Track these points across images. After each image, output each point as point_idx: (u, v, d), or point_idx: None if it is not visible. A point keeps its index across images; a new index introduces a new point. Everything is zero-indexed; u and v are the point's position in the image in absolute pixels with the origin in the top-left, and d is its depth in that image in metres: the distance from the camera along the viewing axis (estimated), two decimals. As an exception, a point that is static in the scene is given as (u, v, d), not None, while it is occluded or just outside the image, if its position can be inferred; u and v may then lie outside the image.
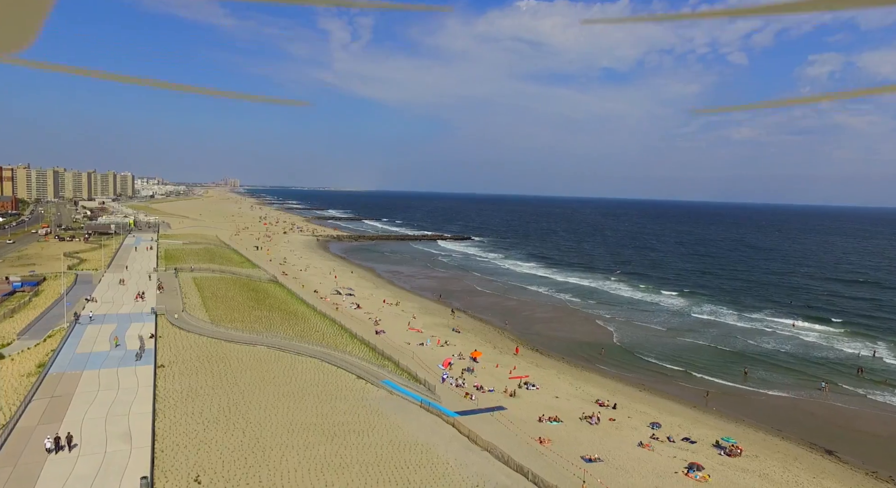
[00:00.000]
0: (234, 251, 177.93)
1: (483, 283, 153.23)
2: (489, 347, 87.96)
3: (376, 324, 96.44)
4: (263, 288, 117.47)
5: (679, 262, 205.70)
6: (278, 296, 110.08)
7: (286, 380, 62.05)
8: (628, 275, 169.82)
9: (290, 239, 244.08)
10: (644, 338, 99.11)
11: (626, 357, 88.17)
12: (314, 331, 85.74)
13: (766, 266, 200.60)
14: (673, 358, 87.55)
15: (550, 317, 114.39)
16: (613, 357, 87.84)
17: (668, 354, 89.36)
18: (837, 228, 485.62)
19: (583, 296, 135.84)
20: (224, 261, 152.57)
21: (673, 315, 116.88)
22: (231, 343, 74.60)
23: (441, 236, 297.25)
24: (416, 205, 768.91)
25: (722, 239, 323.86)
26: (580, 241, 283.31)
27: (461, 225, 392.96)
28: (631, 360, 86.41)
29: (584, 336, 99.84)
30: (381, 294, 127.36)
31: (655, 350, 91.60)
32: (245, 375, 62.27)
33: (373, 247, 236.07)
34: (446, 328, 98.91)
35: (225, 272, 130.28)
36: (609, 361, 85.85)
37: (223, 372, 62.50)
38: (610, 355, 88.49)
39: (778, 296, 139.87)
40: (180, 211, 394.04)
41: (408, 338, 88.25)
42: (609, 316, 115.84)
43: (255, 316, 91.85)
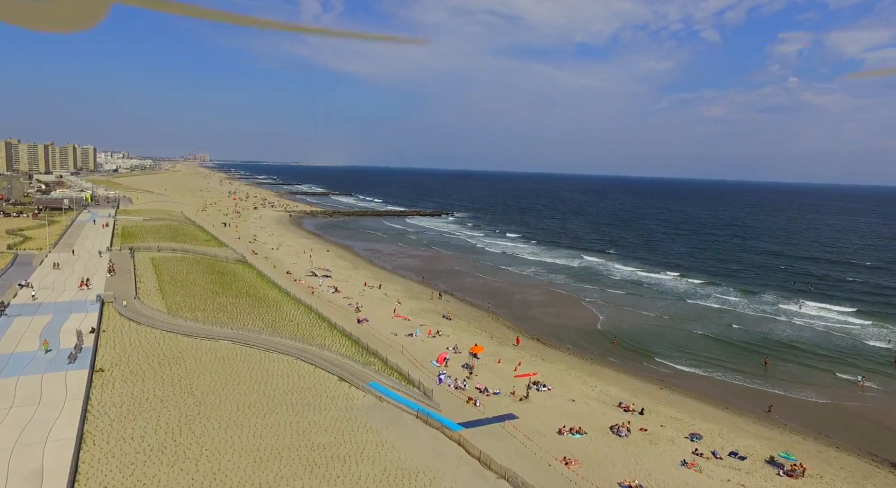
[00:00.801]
0: (199, 228, 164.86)
1: (468, 263, 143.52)
2: (485, 337, 78.46)
3: (358, 310, 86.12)
4: (230, 269, 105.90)
5: (669, 242, 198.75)
6: (247, 279, 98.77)
7: (254, 386, 51.61)
8: (620, 255, 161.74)
9: (261, 215, 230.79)
10: (651, 326, 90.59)
11: (636, 347, 79.47)
12: (287, 321, 75.08)
13: (757, 245, 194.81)
14: (686, 349, 79.14)
15: (546, 301, 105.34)
16: (623, 348, 79.08)
17: (680, 345, 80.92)
18: (816, 206, 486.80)
19: (577, 278, 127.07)
20: (188, 239, 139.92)
21: (677, 300, 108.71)
22: (189, 337, 63.66)
23: (420, 212, 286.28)
24: (392, 181, 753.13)
25: (707, 216, 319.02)
26: (563, 219, 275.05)
27: (439, 201, 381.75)
28: (643, 351, 77.73)
29: (586, 322, 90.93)
30: (361, 275, 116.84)
31: (666, 339, 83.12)
32: (204, 380, 51.63)
33: (349, 224, 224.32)
34: (435, 314, 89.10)
35: (188, 252, 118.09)
36: (620, 352, 77.07)
37: (177, 377, 51.75)
38: (620, 345, 79.74)
39: (778, 277, 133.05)
40: (145, 185, 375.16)
41: (394, 328, 78.24)
42: (609, 300, 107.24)
43: (220, 303, 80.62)
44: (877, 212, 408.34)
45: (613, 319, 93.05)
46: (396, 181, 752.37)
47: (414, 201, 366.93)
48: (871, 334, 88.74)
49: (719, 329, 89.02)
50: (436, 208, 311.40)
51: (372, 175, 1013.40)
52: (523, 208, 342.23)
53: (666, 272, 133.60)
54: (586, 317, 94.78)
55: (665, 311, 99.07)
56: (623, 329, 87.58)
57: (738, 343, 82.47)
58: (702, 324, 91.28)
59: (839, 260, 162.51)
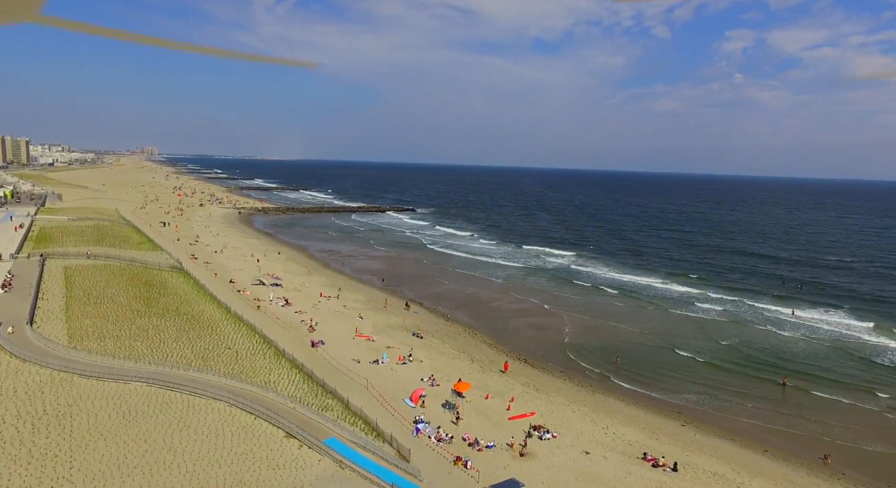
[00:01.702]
0: (133, 229, 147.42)
1: (436, 266, 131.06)
2: (465, 360, 66.23)
3: (312, 329, 72.59)
4: (161, 279, 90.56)
5: (643, 240, 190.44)
6: (180, 292, 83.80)
7: (168, 457, 37.97)
8: (596, 255, 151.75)
9: (207, 212, 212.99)
10: (650, 337, 79.89)
11: (640, 367, 68.51)
12: (224, 348, 61.15)
13: (732, 243, 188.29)
14: (693, 369, 68.64)
15: (526, 310, 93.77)
16: (627, 367, 68.00)
17: (683, 364, 70.35)
18: (773, 200, 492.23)
19: (555, 282, 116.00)
20: (117, 242, 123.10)
21: (668, 308, 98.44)
22: (90, 379, 49.29)
23: (380, 208, 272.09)
24: (348, 175, 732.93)
25: (672, 211, 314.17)
26: (530, 216, 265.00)
27: (399, 196, 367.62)
28: (648, 372, 66.83)
29: (579, 336, 79.55)
30: (316, 282, 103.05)
31: (667, 357, 72.43)
32: (94, 454, 37.67)
33: (303, 222, 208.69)
34: (403, 331, 76.36)
35: (113, 258, 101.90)
36: (623, 374, 65.97)
37: (53, 453, 37.64)
38: (623, 365, 68.65)
39: (763, 278, 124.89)
40: (81, 180, 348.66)
41: (356, 351, 65.19)
42: (594, 309, 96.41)
43: (141, 326, 65.87)
44: (828, 205, 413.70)
45: (604, 333, 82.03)
46: (353, 175, 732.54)
47: (372, 196, 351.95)
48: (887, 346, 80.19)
49: (721, 343, 78.84)
50: (396, 204, 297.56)
51: (328, 169, 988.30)
52: (487, 203, 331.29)
53: (649, 275, 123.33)
54: (574, 329, 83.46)
55: (657, 322, 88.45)
56: (616, 345, 76.56)
57: (746, 359, 72.44)
58: (702, 337, 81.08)
59: (819, 258, 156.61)
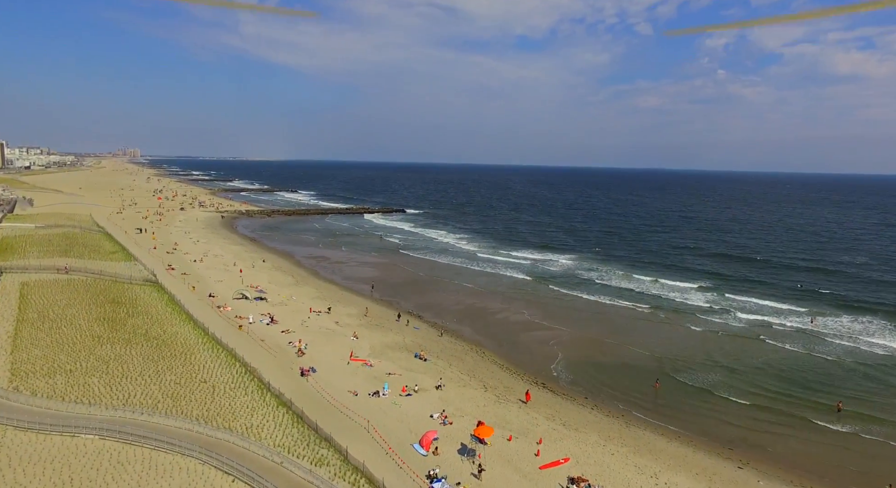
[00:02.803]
0: (106, 236, 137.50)
1: (430, 272, 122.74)
2: (477, 388, 57.99)
3: (301, 353, 63.94)
4: (132, 296, 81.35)
5: (645, 240, 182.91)
6: (151, 311, 74.68)
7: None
8: (603, 257, 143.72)
9: (188, 216, 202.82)
10: (676, 357, 71.86)
11: (681, 390, 60.66)
12: (199, 382, 52.40)
13: (737, 243, 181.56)
14: (732, 392, 60.84)
15: (535, 323, 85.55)
16: (667, 392, 60.06)
17: (721, 386, 62.51)
18: (772, 195, 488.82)
19: (564, 289, 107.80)
20: (87, 251, 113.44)
21: (689, 318, 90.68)
22: (29, 431, 40.44)
23: (368, 209, 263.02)
24: (334, 175, 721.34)
25: (672, 209, 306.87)
26: (523, 215, 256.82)
27: (387, 196, 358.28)
28: (685, 399, 58.97)
29: (598, 354, 71.48)
30: (305, 294, 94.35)
31: (702, 378, 64.56)
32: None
33: (290, 225, 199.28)
34: (404, 352, 67.98)
35: (78, 271, 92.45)
36: (666, 400, 58.10)
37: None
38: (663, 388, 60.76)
39: (781, 280, 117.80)
40: (56, 184, 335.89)
41: (352, 380, 56.73)
42: (610, 320, 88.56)
43: (101, 357, 56.85)
44: (821, 200, 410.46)
45: (623, 350, 74.08)
46: (339, 175, 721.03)
47: (360, 197, 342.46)
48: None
49: (753, 361, 71.04)
50: (384, 205, 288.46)
51: (313, 169, 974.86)
52: (478, 203, 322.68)
53: (659, 281, 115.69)
54: (590, 345, 75.48)
55: (678, 338, 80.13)
56: (640, 365, 68.69)
57: (785, 380, 64.76)
58: (730, 355, 73.27)
59: (831, 258, 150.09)
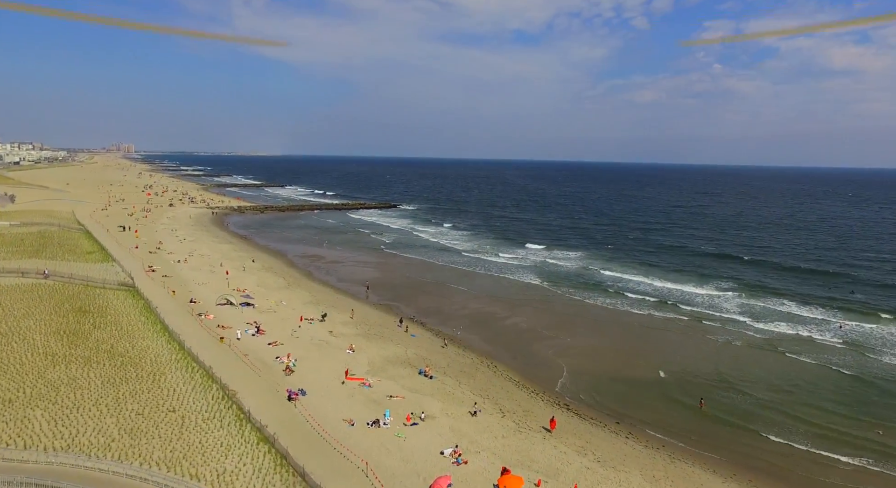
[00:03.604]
0: (86, 235, 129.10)
1: (431, 271, 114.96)
2: (493, 413, 50.18)
3: (289, 371, 55.99)
4: (102, 303, 73.23)
5: (657, 236, 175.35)
6: (122, 321, 66.59)
7: None
8: (613, 254, 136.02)
9: (177, 213, 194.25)
10: (719, 367, 64.20)
11: (727, 412, 52.94)
12: (167, 411, 44.43)
13: (756, 238, 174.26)
14: (789, 412, 53.31)
15: (549, 328, 77.84)
16: (711, 415, 52.37)
17: (773, 405, 54.95)
18: (767, 188, 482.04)
19: (577, 290, 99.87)
20: (61, 251, 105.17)
21: (718, 323, 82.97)
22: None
23: (364, 205, 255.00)
24: (329, 170, 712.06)
25: (678, 204, 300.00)
26: (525, 210, 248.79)
27: (382, 191, 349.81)
28: (741, 420, 51.27)
29: (623, 365, 63.65)
30: (297, 298, 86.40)
31: (752, 393, 56.98)
32: None
33: (283, 222, 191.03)
34: (407, 367, 60.14)
35: (43, 275, 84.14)
36: (711, 425, 50.45)
37: None
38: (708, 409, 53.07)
39: (807, 282, 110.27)
40: (44, 180, 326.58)
41: (348, 406, 48.87)
42: (632, 326, 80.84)
43: (52, 381, 48.73)
44: (827, 194, 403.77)
45: (650, 360, 66.39)
46: (334, 170, 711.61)
47: (355, 192, 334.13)
48: None
49: (799, 381, 63.33)
50: (381, 200, 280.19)
51: (308, 164, 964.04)
52: (477, 199, 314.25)
53: (677, 281, 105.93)
54: (614, 355, 67.85)
55: (711, 347, 72.10)
56: (674, 380, 61.05)
57: (848, 398, 57.33)
58: (775, 367, 65.87)
59: (853, 254, 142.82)
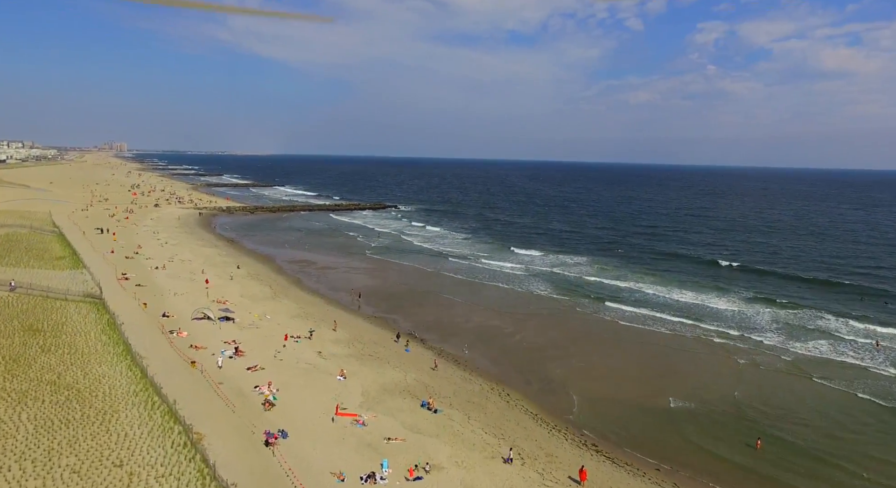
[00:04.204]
0: (58, 238, 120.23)
1: (431, 279, 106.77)
2: (514, 461, 41.90)
3: (268, 406, 47.53)
4: (60, 318, 64.58)
5: (667, 242, 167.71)
6: (78, 343, 57.96)
7: None
8: (624, 261, 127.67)
9: (162, 214, 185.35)
10: (769, 393, 56.08)
11: (796, 455, 44.74)
12: (111, 466, 35.90)
13: (772, 244, 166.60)
14: (855, 450, 45.37)
15: (564, 347, 69.64)
16: (770, 457, 44.22)
17: (847, 442, 46.97)
18: (768, 190, 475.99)
19: (590, 301, 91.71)
20: (25, 258, 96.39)
21: (748, 344, 75.00)
22: None
23: (359, 206, 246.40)
24: (323, 169, 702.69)
25: (677, 206, 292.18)
26: (526, 213, 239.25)
27: (377, 192, 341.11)
28: (812, 466, 43.22)
29: (654, 393, 55.32)
30: (283, 310, 78.00)
31: (820, 430, 48.92)
32: None
33: (273, 223, 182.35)
34: (408, 398, 51.78)
35: (10, 287, 75.39)
36: (777, 472, 42.33)
37: None
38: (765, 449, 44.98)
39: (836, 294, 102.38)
40: (27, 178, 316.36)
41: (339, 453, 40.50)
42: (654, 343, 72.65)
43: (-23, 423, 40.24)
44: (845, 197, 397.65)
45: (681, 386, 58.26)
46: (328, 169, 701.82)
47: (350, 193, 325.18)
48: None
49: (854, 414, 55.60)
50: (376, 201, 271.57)
51: (302, 163, 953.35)
52: (475, 200, 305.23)
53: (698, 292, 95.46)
54: (640, 380, 59.64)
55: (751, 374, 63.80)
56: (723, 407, 52.92)
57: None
58: (848, 399, 57.88)
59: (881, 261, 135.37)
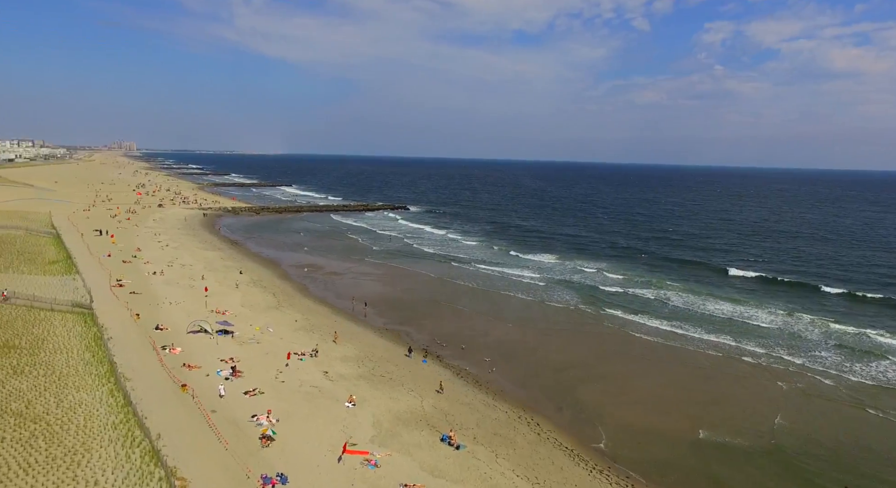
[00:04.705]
0: (54, 240, 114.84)
1: (445, 285, 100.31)
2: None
3: (266, 441, 41.32)
4: (41, 332, 58.73)
5: (690, 243, 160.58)
6: (56, 362, 52.01)
7: None
8: (652, 266, 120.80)
9: (165, 214, 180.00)
10: (843, 430, 49.27)
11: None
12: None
13: (810, 251, 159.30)
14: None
15: (598, 360, 63.03)
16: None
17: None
18: (785, 191, 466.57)
19: (622, 310, 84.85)
20: (16, 262, 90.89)
21: (820, 365, 68.37)
22: None
23: (366, 206, 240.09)
24: (330, 169, 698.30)
25: (696, 208, 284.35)
26: (536, 214, 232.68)
27: (385, 192, 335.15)
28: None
29: (723, 425, 48.49)
30: (286, 322, 71.90)
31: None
32: None
33: (279, 224, 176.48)
34: (426, 430, 45.48)
35: (2, 297, 69.82)
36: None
37: None
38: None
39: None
40: (33, 177, 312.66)
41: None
42: (706, 365, 65.79)
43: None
44: (869, 200, 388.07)
45: (762, 415, 51.53)
46: (336, 169, 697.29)
47: (357, 193, 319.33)
48: None
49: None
50: (385, 201, 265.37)
51: (309, 163, 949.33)
52: (485, 200, 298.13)
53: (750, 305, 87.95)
54: (705, 404, 52.93)
55: (830, 400, 56.82)
56: (803, 446, 46.20)
57: None
58: None
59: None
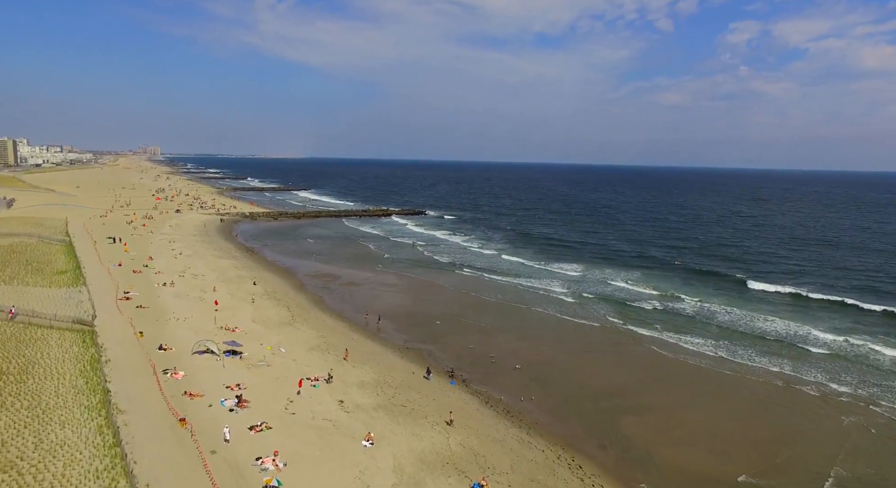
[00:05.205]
0: (66, 248, 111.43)
1: (469, 298, 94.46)
2: None
3: (272, 492, 35.94)
4: (35, 353, 54.17)
5: (726, 254, 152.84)
6: (45, 391, 47.22)
7: None
8: (686, 277, 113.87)
9: (182, 220, 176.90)
10: None
11: None
12: None
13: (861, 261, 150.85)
14: None
15: (641, 386, 56.74)
16: None
17: None
18: (821, 194, 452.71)
19: (656, 325, 78.51)
20: (23, 272, 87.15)
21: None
22: None
23: (386, 211, 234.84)
24: (351, 172, 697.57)
25: (726, 213, 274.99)
26: (563, 220, 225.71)
27: (406, 196, 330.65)
28: None
29: (795, 470, 42.31)
30: (301, 340, 66.71)
31: None
32: None
33: (297, 230, 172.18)
34: (453, 475, 39.74)
35: (10, 314, 65.71)
36: None
37: None
38: None
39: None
40: (56, 182, 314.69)
41: None
42: (762, 387, 59.21)
43: None
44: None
45: (836, 454, 44.95)
46: (356, 173, 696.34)
47: (378, 197, 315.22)
48: None
49: None
50: (405, 206, 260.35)
51: (330, 166, 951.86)
52: (509, 206, 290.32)
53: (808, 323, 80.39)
54: (772, 442, 46.49)
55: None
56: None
57: None
58: None
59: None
